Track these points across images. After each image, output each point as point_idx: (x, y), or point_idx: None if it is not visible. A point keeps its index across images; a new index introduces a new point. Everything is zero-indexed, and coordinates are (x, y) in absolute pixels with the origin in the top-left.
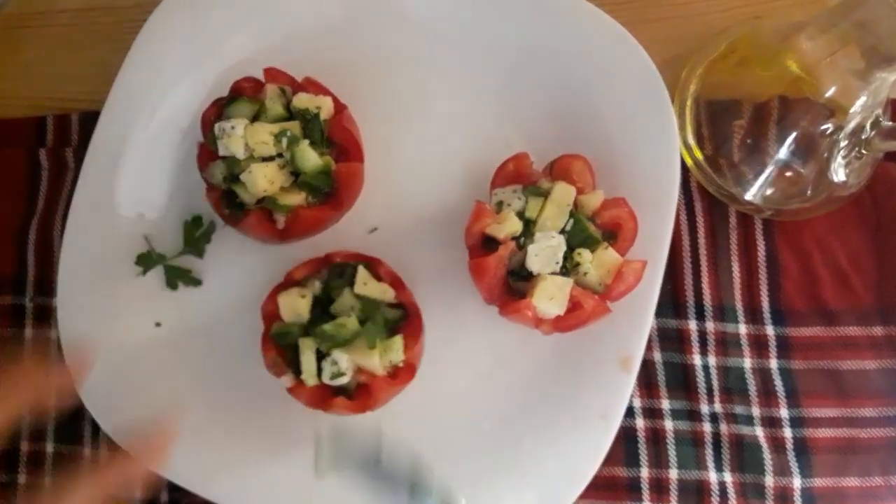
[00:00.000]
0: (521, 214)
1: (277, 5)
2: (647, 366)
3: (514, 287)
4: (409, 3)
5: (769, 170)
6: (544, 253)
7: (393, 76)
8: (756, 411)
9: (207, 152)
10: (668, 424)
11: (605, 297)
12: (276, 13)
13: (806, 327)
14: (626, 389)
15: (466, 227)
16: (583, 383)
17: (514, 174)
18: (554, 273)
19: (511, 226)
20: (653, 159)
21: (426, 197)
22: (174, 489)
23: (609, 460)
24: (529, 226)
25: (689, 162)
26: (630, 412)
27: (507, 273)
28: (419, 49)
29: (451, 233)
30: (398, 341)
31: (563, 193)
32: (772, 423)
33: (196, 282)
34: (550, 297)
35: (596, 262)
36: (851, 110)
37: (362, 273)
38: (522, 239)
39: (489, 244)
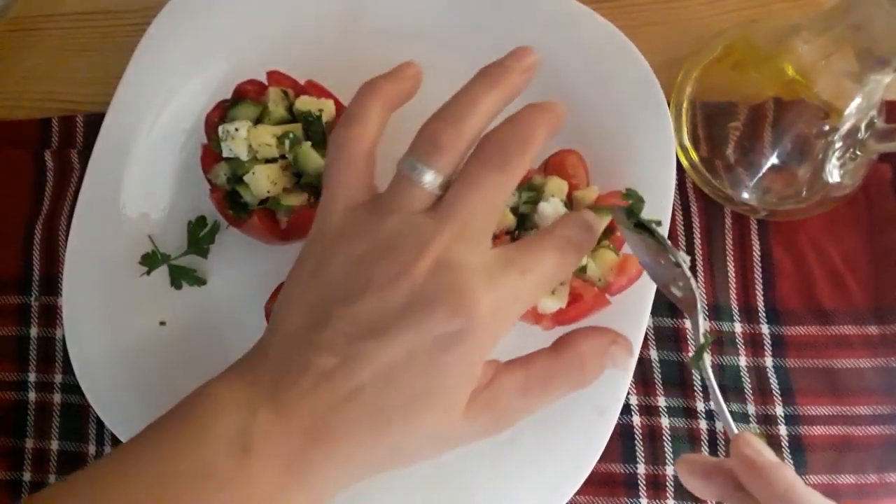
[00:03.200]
0: (515, 210)
1: (280, 9)
2: (643, 363)
3: None
4: (409, 8)
5: (764, 171)
6: None
7: None
8: (751, 409)
9: (211, 154)
10: (665, 421)
11: (605, 291)
12: (278, 17)
13: (801, 326)
14: (622, 387)
15: None
16: None
17: None
18: None
19: (502, 221)
20: (649, 161)
21: None
22: None
23: (606, 456)
24: (524, 221)
25: (685, 164)
26: (627, 409)
27: None
28: (418, 53)
29: None
30: None
31: (556, 188)
32: (767, 420)
33: (200, 281)
34: (552, 291)
35: (598, 260)
36: (846, 112)
37: None
38: (517, 233)
39: None
